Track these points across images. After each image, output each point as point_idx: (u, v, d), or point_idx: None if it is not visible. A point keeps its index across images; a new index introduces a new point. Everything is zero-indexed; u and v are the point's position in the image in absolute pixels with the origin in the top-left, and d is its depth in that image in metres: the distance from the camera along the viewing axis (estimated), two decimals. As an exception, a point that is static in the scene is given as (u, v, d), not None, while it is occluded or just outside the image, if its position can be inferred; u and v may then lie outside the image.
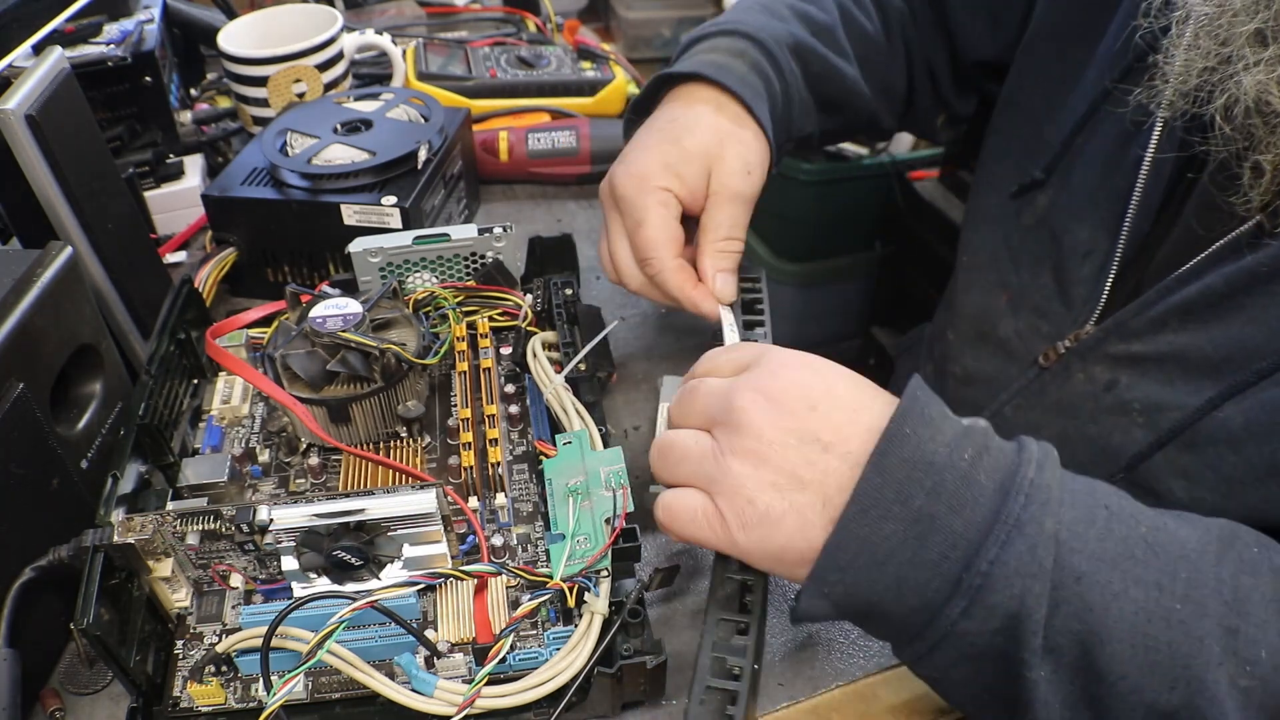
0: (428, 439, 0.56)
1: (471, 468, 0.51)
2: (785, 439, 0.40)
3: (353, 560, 0.45)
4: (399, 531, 0.45)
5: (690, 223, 0.58)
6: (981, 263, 0.68)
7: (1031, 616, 0.36)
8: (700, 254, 0.56)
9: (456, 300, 0.61)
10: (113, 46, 0.75)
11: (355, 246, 0.60)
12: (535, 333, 0.60)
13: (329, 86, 0.84)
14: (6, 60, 0.63)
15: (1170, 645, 0.36)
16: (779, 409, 0.40)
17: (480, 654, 0.44)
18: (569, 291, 0.62)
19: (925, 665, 0.40)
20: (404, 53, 0.92)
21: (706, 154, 0.56)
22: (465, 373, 0.58)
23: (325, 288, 0.57)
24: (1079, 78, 0.60)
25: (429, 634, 0.44)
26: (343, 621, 0.40)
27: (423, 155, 0.68)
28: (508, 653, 0.43)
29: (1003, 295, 0.65)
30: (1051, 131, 0.62)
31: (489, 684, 0.42)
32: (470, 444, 0.52)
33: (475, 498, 0.51)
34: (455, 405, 0.57)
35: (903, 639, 0.40)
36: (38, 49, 0.66)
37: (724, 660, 0.40)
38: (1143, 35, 0.50)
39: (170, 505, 0.48)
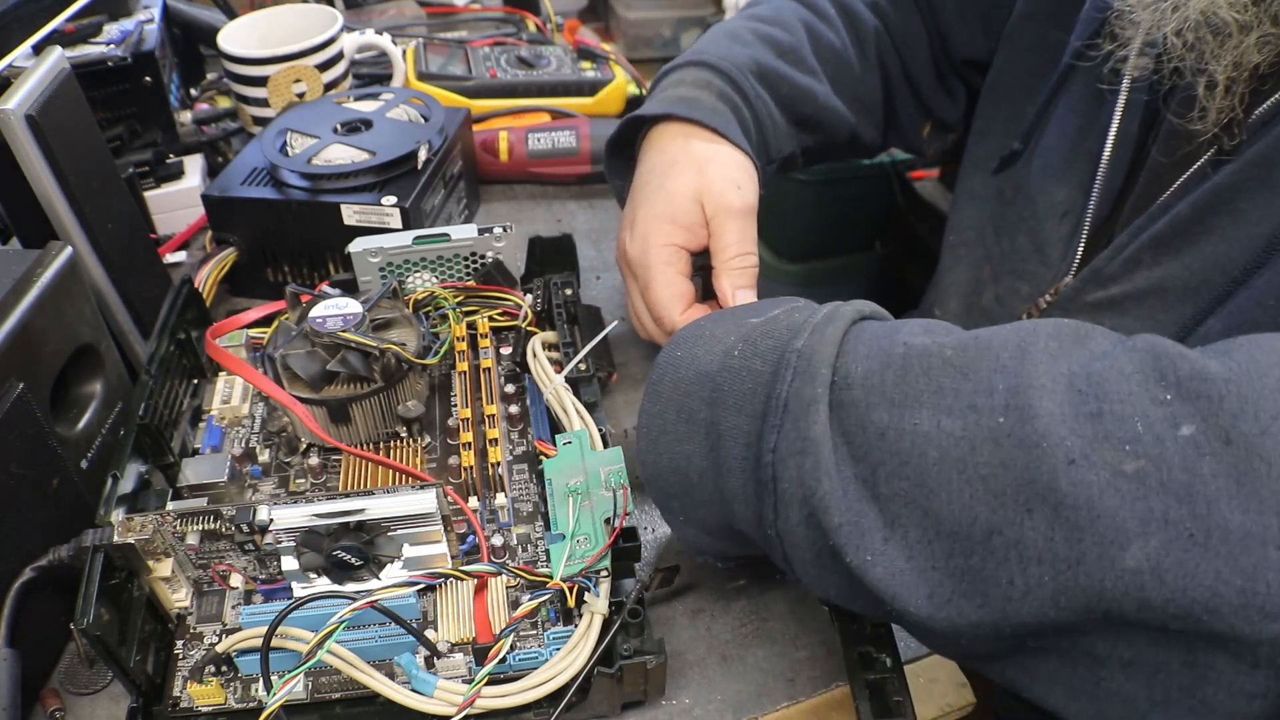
0: (428, 439, 0.56)
1: (471, 468, 0.51)
2: None
3: (353, 560, 0.45)
4: (399, 531, 0.45)
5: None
6: (968, 240, 0.69)
7: (814, 495, 0.34)
8: (716, 277, 0.56)
9: (456, 300, 0.61)
10: (113, 46, 0.75)
11: (355, 246, 0.60)
12: (535, 333, 0.60)
13: (329, 86, 0.84)
14: (6, 60, 0.63)
15: (1005, 465, 0.32)
16: None
17: (480, 654, 0.44)
18: (569, 291, 0.62)
19: (803, 582, 0.38)
20: (404, 53, 0.92)
21: (693, 187, 0.56)
22: (465, 373, 0.58)
23: (325, 288, 0.57)
24: (1058, 61, 0.61)
25: (429, 634, 0.44)
26: (343, 621, 0.40)
27: (423, 155, 0.68)
28: (508, 653, 0.43)
29: (986, 268, 0.66)
30: (1031, 109, 0.63)
31: (489, 684, 0.42)
32: (470, 444, 0.52)
33: (475, 498, 0.51)
34: (455, 405, 0.57)
35: (771, 558, 0.39)
36: (38, 49, 0.66)
37: (869, 653, 0.41)
38: None
39: (170, 505, 0.48)
